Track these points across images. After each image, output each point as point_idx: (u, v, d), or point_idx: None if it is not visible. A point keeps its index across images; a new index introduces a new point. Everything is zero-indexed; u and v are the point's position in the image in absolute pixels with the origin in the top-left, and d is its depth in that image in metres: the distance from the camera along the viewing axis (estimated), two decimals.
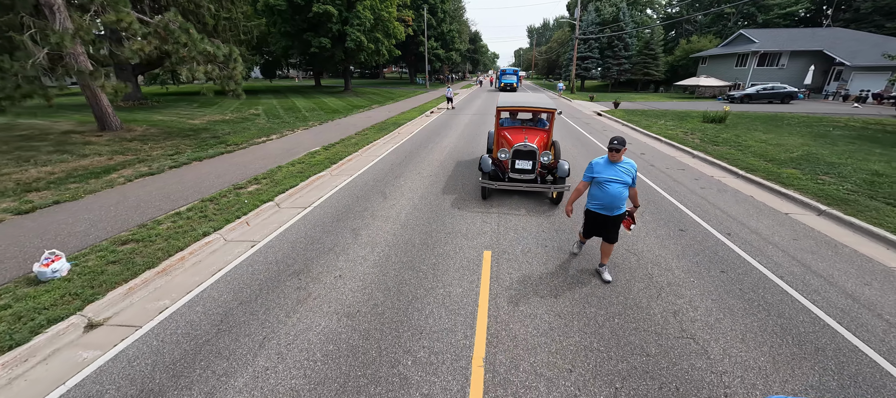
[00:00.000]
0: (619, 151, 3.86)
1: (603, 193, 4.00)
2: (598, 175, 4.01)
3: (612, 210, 4.04)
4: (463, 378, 3.03)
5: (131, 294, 4.27)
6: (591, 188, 4.16)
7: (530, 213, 6.45)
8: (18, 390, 3.03)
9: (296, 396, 2.88)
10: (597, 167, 4.04)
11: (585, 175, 4.17)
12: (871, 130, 14.37)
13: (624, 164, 3.96)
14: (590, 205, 4.24)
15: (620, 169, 3.93)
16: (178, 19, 11.12)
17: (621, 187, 3.93)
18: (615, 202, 3.97)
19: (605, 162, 4.01)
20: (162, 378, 3.09)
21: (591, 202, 4.20)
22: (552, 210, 6.59)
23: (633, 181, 4.02)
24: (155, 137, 12.42)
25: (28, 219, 6.15)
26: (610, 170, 3.96)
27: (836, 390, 2.93)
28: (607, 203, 4.00)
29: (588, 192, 4.23)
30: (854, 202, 6.67)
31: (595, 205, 4.14)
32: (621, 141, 3.86)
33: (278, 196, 7.19)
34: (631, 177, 3.96)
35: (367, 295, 4.17)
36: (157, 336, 3.60)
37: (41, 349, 3.44)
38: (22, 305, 3.87)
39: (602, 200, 4.04)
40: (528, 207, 6.72)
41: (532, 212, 6.53)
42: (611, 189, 3.93)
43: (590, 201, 4.23)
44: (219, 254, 5.23)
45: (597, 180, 4.03)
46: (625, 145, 3.87)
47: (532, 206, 6.76)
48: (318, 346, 3.40)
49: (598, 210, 4.13)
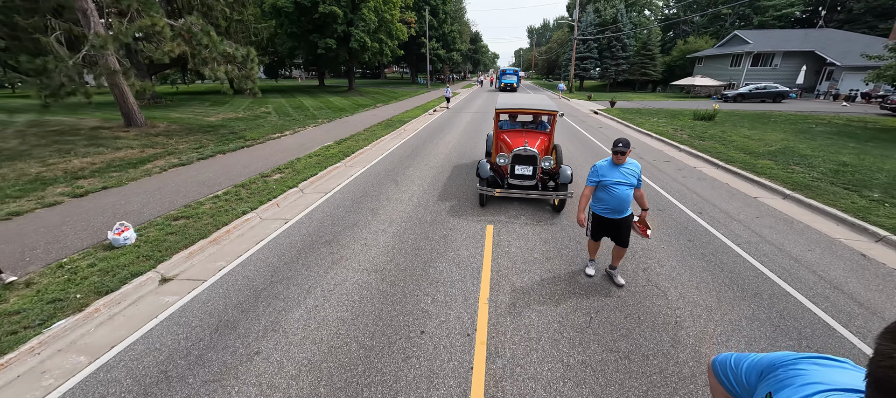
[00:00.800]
0: (624, 153, 3.76)
1: (609, 196, 3.89)
2: (603, 178, 3.90)
3: (619, 212, 3.95)
4: (472, 310, 3.86)
5: (192, 257, 5.09)
6: (597, 191, 4.03)
7: (531, 220, 7.23)
8: (121, 322, 3.85)
9: (342, 323, 3.70)
10: (601, 170, 3.93)
11: (590, 179, 4.02)
12: (852, 127, 15.18)
13: (628, 166, 3.87)
14: (595, 209, 4.10)
15: (625, 171, 3.85)
16: (199, 22, 11.97)
17: (627, 189, 3.85)
18: (622, 205, 3.88)
19: (609, 164, 3.91)
20: (233, 313, 3.91)
21: (597, 206, 4.07)
22: (554, 217, 6.34)
23: (638, 182, 3.92)
24: (177, 133, 13.25)
25: (84, 201, 6.98)
26: (615, 172, 3.86)
27: (764, 319, 3.75)
28: (614, 206, 3.91)
29: (593, 196, 4.12)
30: (816, 187, 7.49)
31: (601, 208, 4.03)
32: (626, 143, 3.77)
33: (301, 183, 8.01)
34: (636, 178, 3.88)
35: (389, 257, 5.00)
36: (222, 286, 4.42)
37: (130, 295, 4.26)
38: (105, 264, 4.69)
39: (608, 203, 3.93)
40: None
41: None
42: (617, 192, 3.83)
43: (595, 204, 4.10)
44: (257, 229, 6.06)
45: (602, 183, 3.92)
46: (629, 147, 3.78)
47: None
48: (354, 291, 4.22)
49: (604, 214, 4.02)
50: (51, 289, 4.17)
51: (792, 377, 0.85)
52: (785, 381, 0.86)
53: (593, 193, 4.10)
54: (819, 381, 0.81)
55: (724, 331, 3.59)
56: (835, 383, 0.80)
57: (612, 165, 3.90)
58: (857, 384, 0.78)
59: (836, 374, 0.82)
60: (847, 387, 0.78)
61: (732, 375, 1.05)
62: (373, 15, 29.94)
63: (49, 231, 5.66)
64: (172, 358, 3.31)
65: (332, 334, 3.56)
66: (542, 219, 6.23)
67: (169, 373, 3.14)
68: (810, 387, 0.80)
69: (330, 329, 3.63)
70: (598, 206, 4.07)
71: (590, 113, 21.72)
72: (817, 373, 0.83)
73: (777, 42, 32.19)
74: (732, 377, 1.05)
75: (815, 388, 0.80)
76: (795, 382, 0.83)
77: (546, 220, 6.19)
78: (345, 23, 29.13)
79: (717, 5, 44.95)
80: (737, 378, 1.03)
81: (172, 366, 3.21)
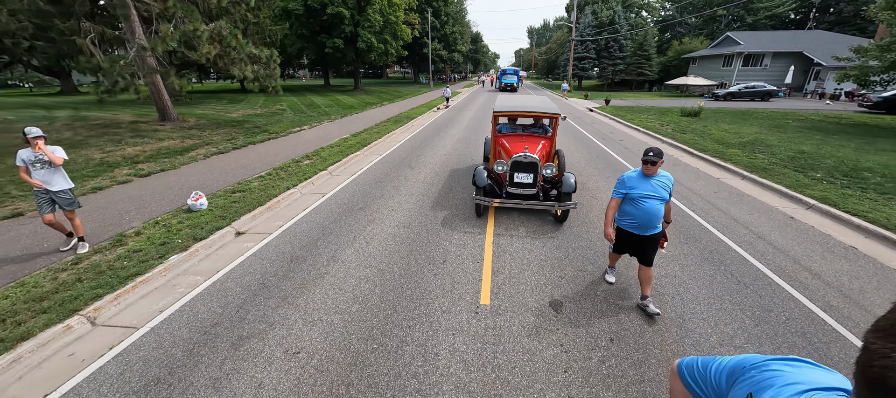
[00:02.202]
0: (656, 164, 3.44)
1: (638, 211, 3.56)
2: (632, 190, 3.59)
3: (646, 229, 3.62)
4: (480, 249, 5.15)
5: (255, 218, 6.38)
6: (623, 204, 3.72)
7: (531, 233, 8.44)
8: (217, 258, 5.13)
9: (384, 256, 4.98)
10: (629, 182, 3.62)
11: (616, 191, 3.72)
12: (825, 123, 16.45)
13: (660, 178, 3.55)
14: (622, 223, 3.78)
15: (657, 183, 3.52)
16: (228, 27, 13.26)
17: (658, 203, 3.52)
18: (652, 220, 3.55)
19: (639, 176, 3.60)
20: (301, 252, 5.19)
21: (623, 220, 3.76)
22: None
23: (669, 195, 3.59)
24: (207, 127, 14.55)
25: (150, 179, 8.27)
26: (644, 184, 3.54)
27: (698, 254, 5.03)
28: (642, 221, 3.57)
29: (619, 209, 3.80)
30: (771, 170, 8.76)
31: (627, 223, 3.71)
32: (658, 153, 3.43)
33: (329, 167, 9.29)
34: (668, 191, 3.55)
35: (413, 216, 6.29)
36: (286, 236, 5.70)
37: (217, 241, 5.54)
38: (191, 221, 5.98)
39: (636, 218, 3.60)
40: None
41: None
42: (647, 206, 3.51)
43: (621, 218, 3.79)
44: (300, 201, 7.34)
45: (630, 197, 3.61)
46: (662, 157, 3.44)
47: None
48: (390, 238, 5.51)
49: (630, 229, 3.70)
50: (156, 237, 5.46)
51: (769, 378, 0.86)
52: (763, 382, 0.87)
53: (619, 206, 3.80)
54: (799, 381, 0.82)
55: (674, 256, 4.86)
56: (815, 383, 0.81)
57: (641, 177, 3.58)
58: (834, 382, 0.80)
59: (812, 374, 0.84)
60: (828, 386, 0.80)
61: (700, 378, 1.07)
62: (378, 16, 31.25)
63: (132, 201, 6.95)
64: (265, 276, 4.60)
65: (377, 262, 4.85)
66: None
67: (266, 283, 4.42)
68: (793, 387, 0.81)
69: (375, 259, 4.93)
70: (623, 220, 3.76)
71: (585, 110, 23.00)
72: (793, 373, 0.85)
73: (767, 43, 33.45)
74: (700, 380, 1.07)
75: (799, 388, 0.80)
76: (776, 382, 0.84)
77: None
78: (352, 24, 30.44)
79: (712, 6, 46.25)
80: (705, 380, 1.05)
81: (268, 280, 4.49)
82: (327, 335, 3.56)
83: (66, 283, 4.28)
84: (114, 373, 3.17)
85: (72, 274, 4.49)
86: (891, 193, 7.10)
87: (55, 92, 32.57)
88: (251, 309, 3.96)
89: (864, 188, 7.42)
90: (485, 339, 3.48)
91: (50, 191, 4.79)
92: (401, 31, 35.21)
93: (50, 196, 4.81)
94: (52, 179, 4.81)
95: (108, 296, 4.08)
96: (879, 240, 5.51)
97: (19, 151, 4.65)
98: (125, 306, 4.08)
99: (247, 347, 3.41)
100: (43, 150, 4.65)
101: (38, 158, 4.69)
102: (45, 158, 4.70)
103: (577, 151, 11.26)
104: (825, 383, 0.81)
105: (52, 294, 4.08)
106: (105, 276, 4.41)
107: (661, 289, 4.28)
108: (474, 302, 4.05)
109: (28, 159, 4.66)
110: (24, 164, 4.64)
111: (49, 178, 4.78)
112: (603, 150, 11.62)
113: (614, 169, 9.40)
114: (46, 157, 4.69)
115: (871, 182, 7.76)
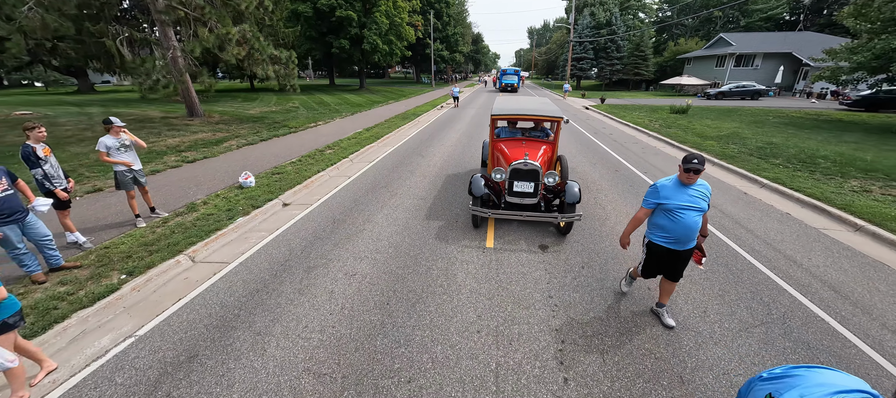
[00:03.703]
0: (699, 172, 3.10)
1: (674, 224, 3.25)
2: (667, 201, 3.24)
3: (684, 244, 3.33)
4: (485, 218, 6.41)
5: (296, 194, 7.63)
6: (656, 217, 3.40)
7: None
8: (274, 221, 6.36)
9: (408, 219, 6.23)
10: (664, 190, 3.28)
11: (648, 200, 3.39)
12: (803, 119, 17.68)
13: (699, 187, 3.23)
14: (655, 238, 3.44)
15: (695, 193, 3.20)
16: (252, 30, 14.52)
17: (696, 215, 3.21)
18: (689, 234, 3.26)
19: (675, 184, 3.27)
20: (340, 215, 6.44)
21: (656, 234, 3.42)
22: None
23: (708, 205, 3.26)
24: (231, 122, 15.81)
25: (196, 165, 9.52)
26: (682, 194, 3.21)
27: None
28: (680, 236, 3.28)
29: (650, 222, 3.49)
30: (738, 157, 10.00)
31: (662, 237, 3.38)
32: (701, 160, 3.11)
33: (350, 156, 10.54)
34: (707, 201, 3.24)
35: (429, 191, 7.54)
36: (325, 207, 6.95)
37: (269, 210, 6.79)
38: (244, 195, 7.22)
39: (673, 233, 3.29)
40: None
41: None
42: (685, 219, 3.20)
43: (654, 233, 3.45)
44: (329, 182, 8.58)
45: (665, 207, 3.27)
46: (704, 165, 3.12)
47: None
48: (411, 207, 6.76)
49: (666, 244, 3.37)
50: (221, 205, 6.70)
51: (794, 377, 0.91)
52: (783, 385, 0.91)
53: (650, 218, 3.48)
54: (824, 383, 0.86)
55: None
56: (840, 386, 0.84)
57: (678, 185, 3.25)
58: (856, 385, 0.84)
59: (834, 377, 0.88)
60: (852, 389, 0.83)
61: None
62: (384, 18, 32.52)
63: (189, 180, 8.21)
64: (317, 231, 5.85)
65: (403, 222, 6.11)
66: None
67: (318, 236, 5.67)
68: (819, 389, 0.84)
69: (402, 221, 6.18)
70: (657, 235, 3.41)
71: (582, 109, 24.25)
72: (816, 376, 0.89)
73: (758, 44, 34.68)
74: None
75: (825, 390, 0.83)
76: (799, 384, 0.88)
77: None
78: (358, 26, 31.71)
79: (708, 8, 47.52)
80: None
81: (319, 234, 5.75)
82: (373, 265, 4.81)
83: (164, 235, 5.54)
84: (222, 287, 4.41)
85: (165, 229, 5.74)
86: (833, 175, 8.34)
87: (72, 91, 33.84)
88: (312, 251, 5.21)
89: (813, 171, 8.66)
90: (489, 268, 4.73)
91: (133, 170, 5.96)
92: (405, 33, 36.48)
93: (133, 175, 5.98)
94: (135, 160, 5.99)
95: (200, 244, 5.33)
96: (810, 208, 6.76)
97: (101, 138, 5.57)
98: (213, 251, 5.33)
99: (316, 272, 4.66)
100: (129, 136, 5.86)
101: (122, 143, 5.80)
102: (128, 142, 5.88)
103: (570, 144, 12.49)
104: (849, 386, 0.83)
105: (157, 242, 5.33)
106: (191, 231, 5.66)
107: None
108: (481, 246, 5.30)
109: (111, 145, 5.64)
110: (106, 149, 5.58)
111: (133, 159, 5.95)
112: (592, 142, 12.87)
113: (599, 156, 10.64)
114: (129, 141, 5.88)
115: (821, 166, 8.99)
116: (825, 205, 6.60)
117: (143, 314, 3.92)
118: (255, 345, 3.44)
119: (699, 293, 4.26)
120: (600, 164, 9.92)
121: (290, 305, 4.02)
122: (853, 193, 7.17)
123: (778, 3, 44.45)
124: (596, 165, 9.68)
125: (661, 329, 3.69)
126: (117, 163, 5.67)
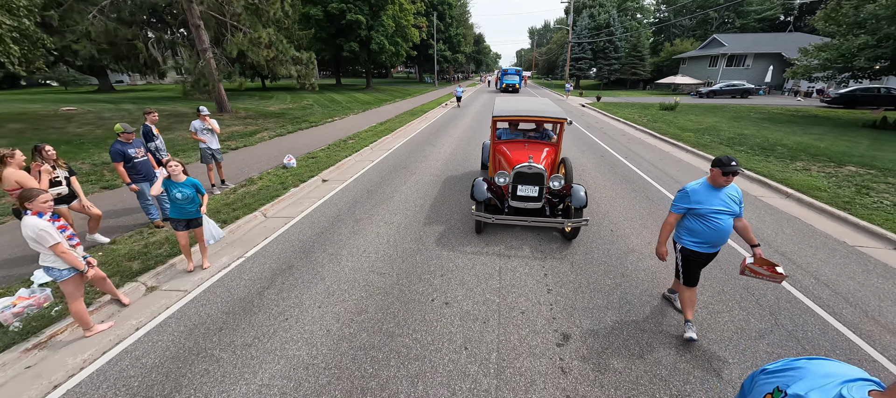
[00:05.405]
0: (736, 174, 3.06)
1: (706, 228, 3.21)
2: (699, 205, 3.20)
3: (716, 246, 3.31)
4: None
5: (331, 173, 9.15)
6: (687, 221, 3.35)
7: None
8: (318, 193, 7.87)
9: (428, 190, 7.73)
10: (695, 195, 3.23)
11: (678, 205, 3.34)
12: (783, 115, 19.12)
13: (730, 191, 3.20)
14: (689, 243, 3.37)
15: (727, 196, 3.16)
16: (275, 33, 16.06)
17: (729, 219, 3.18)
18: (722, 238, 3.23)
19: (705, 187, 3.23)
20: (372, 187, 7.94)
21: (690, 239, 3.35)
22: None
23: (740, 209, 3.24)
24: (257, 118, 17.35)
25: (239, 152, 11.05)
26: (714, 198, 3.17)
27: (631, 189, 7.76)
28: (713, 240, 3.24)
29: (681, 226, 3.44)
30: (710, 145, 11.48)
31: (696, 242, 3.32)
32: (737, 162, 3.06)
33: (370, 145, 12.05)
34: (739, 204, 3.21)
35: (441, 170, 9.06)
36: (357, 183, 8.45)
37: (312, 184, 8.30)
38: (290, 173, 8.73)
39: (705, 237, 3.25)
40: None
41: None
42: (717, 223, 3.17)
43: (687, 237, 3.38)
44: (356, 165, 10.09)
45: (697, 212, 3.22)
46: (740, 168, 3.07)
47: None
48: (429, 183, 8.26)
49: (701, 248, 3.32)
50: (273, 180, 8.22)
51: (798, 369, 0.93)
52: (789, 378, 0.93)
53: (680, 222, 3.43)
54: (829, 373, 0.88)
55: (619, 192, 7.58)
56: (843, 375, 0.87)
57: (708, 189, 3.22)
58: (858, 374, 0.87)
59: (836, 367, 0.90)
60: (856, 378, 0.86)
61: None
62: (391, 21, 34.08)
63: (239, 163, 9.73)
64: (355, 198, 7.36)
65: (424, 192, 7.62)
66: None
67: (358, 200, 7.19)
68: (824, 379, 0.87)
69: (423, 191, 7.70)
70: (691, 240, 3.35)
71: (578, 106, 25.72)
72: (819, 367, 0.91)
73: (749, 45, 36.09)
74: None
75: (831, 380, 0.86)
76: (805, 376, 0.90)
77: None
78: (367, 28, 33.27)
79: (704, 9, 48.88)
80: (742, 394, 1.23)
81: (358, 198, 7.26)
82: (405, 217, 6.34)
83: (238, 198, 7.06)
84: (295, 231, 5.92)
85: (237, 196, 7.27)
86: (786, 159, 9.81)
87: (93, 90, 35.46)
88: (356, 209, 6.74)
89: (769, 156, 10.14)
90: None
91: (211, 149, 7.51)
92: (411, 34, 38.00)
93: (212, 153, 7.52)
94: (214, 141, 7.54)
95: (267, 205, 6.85)
96: (759, 184, 8.24)
97: (193, 122, 7.28)
98: (277, 211, 6.84)
99: (363, 222, 6.18)
100: (209, 122, 7.40)
101: (205, 127, 7.40)
102: (208, 127, 7.43)
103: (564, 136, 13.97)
104: (852, 375, 0.88)
105: (235, 203, 6.85)
106: (258, 196, 7.18)
107: (611, 222, 7.01)
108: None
109: (199, 127, 7.34)
110: (194, 130, 7.31)
111: (212, 140, 7.50)
112: (584, 134, 14.37)
113: (588, 145, 12.13)
114: (209, 126, 7.42)
115: (776, 152, 10.47)
116: (766, 179, 8.09)
117: (244, 246, 5.44)
118: (332, 259, 4.97)
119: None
120: (589, 151, 11.41)
121: (349, 239, 5.54)
122: (795, 172, 8.64)
123: (772, 5, 45.80)
124: (584, 152, 11.19)
125: (674, 339, 3.52)
126: (201, 139, 7.25)
